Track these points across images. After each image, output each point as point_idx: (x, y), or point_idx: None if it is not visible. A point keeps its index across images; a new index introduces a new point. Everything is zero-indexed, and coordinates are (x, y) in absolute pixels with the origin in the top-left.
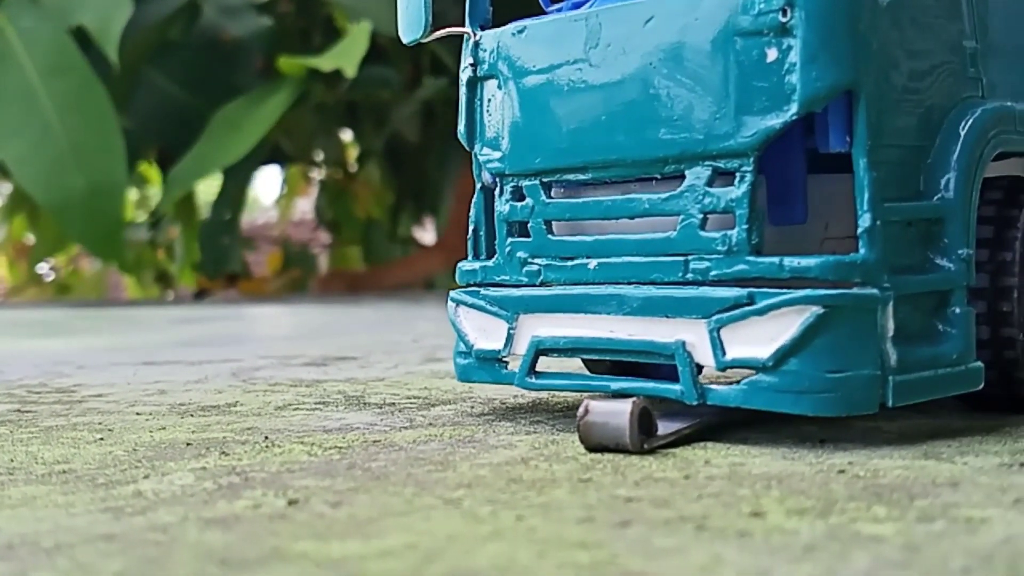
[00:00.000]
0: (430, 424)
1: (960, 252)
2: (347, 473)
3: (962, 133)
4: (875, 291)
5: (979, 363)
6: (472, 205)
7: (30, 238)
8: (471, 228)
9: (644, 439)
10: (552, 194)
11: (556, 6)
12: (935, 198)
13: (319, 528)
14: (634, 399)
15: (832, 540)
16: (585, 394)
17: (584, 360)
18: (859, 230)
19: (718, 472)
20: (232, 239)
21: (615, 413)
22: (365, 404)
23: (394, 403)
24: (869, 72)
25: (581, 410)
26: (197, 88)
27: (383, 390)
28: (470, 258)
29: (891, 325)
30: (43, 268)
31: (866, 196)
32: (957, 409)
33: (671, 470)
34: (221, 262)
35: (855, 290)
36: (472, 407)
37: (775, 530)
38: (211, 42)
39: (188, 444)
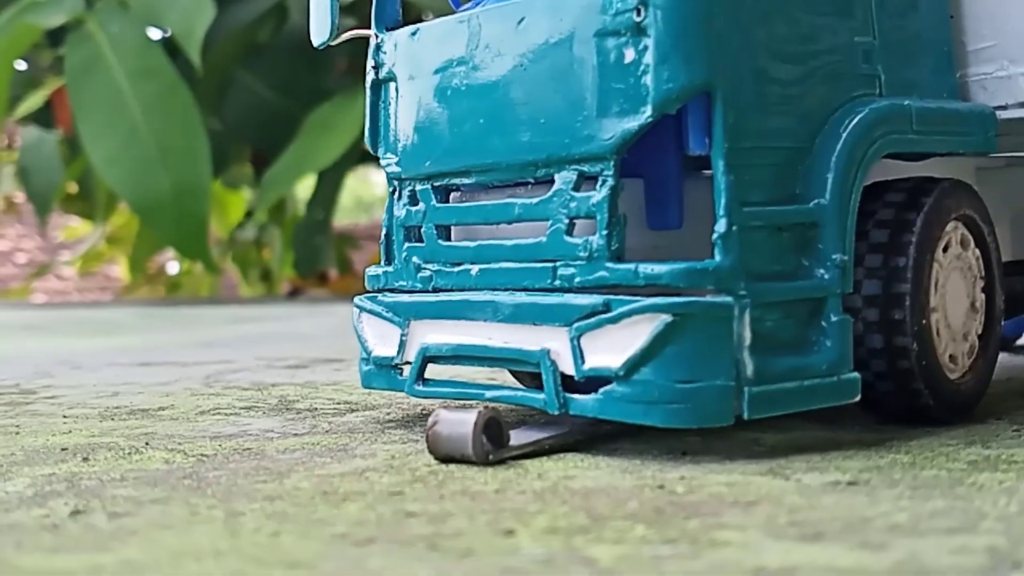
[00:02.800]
0: (324, 432)
1: (835, 258)
2: (176, 483)
3: (843, 134)
4: (729, 299)
5: (855, 374)
6: (385, 210)
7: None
8: (383, 233)
9: (493, 450)
10: (450, 199)
11: (466, 6)
12: (812, 202)
13: (66, 540)
14: (481, 408)
15: (541, 563)
16: (469, 402)
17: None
18: (714, 236)
19: (537, 486)
20: (324, 239)
21: (460, 423)
22: (287, 410)
23: (316, 409)
24: (728, 72)
25: (430, 420)
26: (287, 90)
27: (323, 395)
28: (382, 263)
29: (748, 334)
30: (174, 267)
31: (723, 200)
32: (861, 421)
33: (492, 483)
34: (314, 261)
35: (707, 298)
36: (387, 414)
37: (501, 550)
38: (300, 44)
39: (64, 449)
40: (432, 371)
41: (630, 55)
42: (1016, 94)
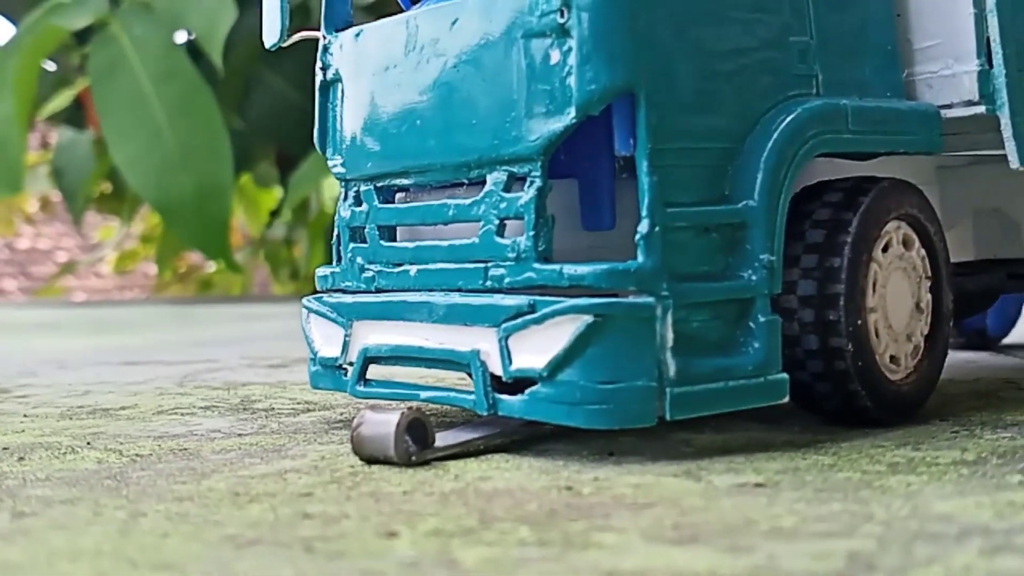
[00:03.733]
0: (270, 432)
1: (763, 259)
2: (96, 483)
3: (774, 134)
4: (651, 300)
5: (783, 375)
6: (336, 210)
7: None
8: (334, 233)
9: (417, 451)
10: (396, 199)
11: (416, 6)
12: (741, 203)
13: None
14: (404, 409)
15: (405, 565)
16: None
17: None
18: (636, 236)
19: (448, 488)
20: None
21: (383, 424)
22: (245, 410)
23: (273, 409)
24: (652, 73)
25: (355, 421)
26: (311, 89)
27: (287, 395)
28: (334, 263)
29: (671, 335)
30: (211, 266)
31: (646, 201)
32: (803, 422)
33: (405, 484)
34: None
35: (629, 299)
36: (341, 414)
37: (372, 553)
38: None
39: (6, 448)
40: (386, 372)
41: (555, 56)
42: (960, 92)
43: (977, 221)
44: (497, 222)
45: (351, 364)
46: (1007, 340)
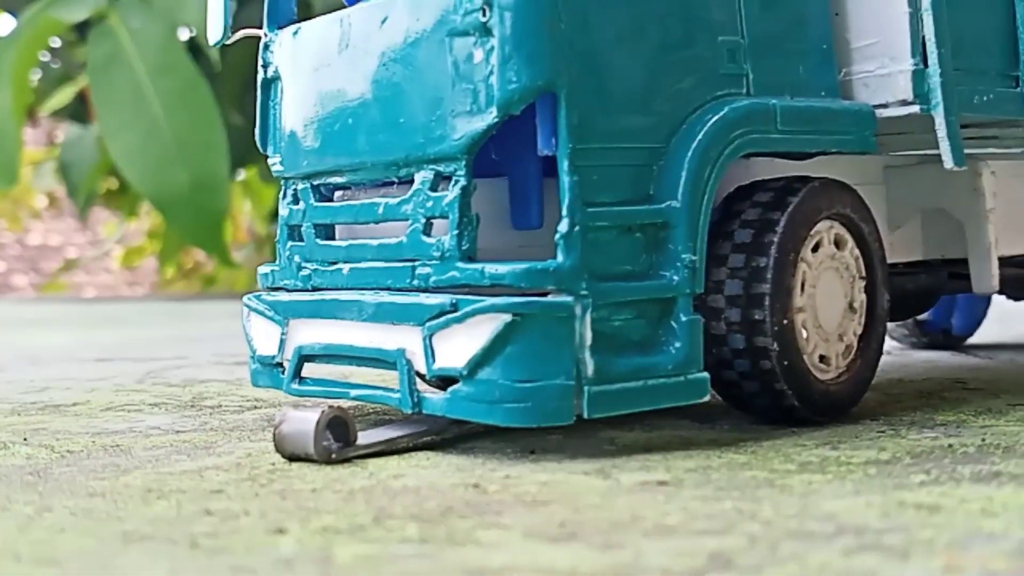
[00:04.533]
0: (209, 429)
1: (684, 258)
2: (17, 479)
3: (699, 134)
4: (569, 299)
5: (703, 374)
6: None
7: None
8: (277, 231)
9: (337, 449)
10: (335, 198)
11: (360, 4)
12: (664, 202)
13: None
14: (325, 407)
15: (279, 561)
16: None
17: None
18: (556, 236)
19: (358, 485)
20: None
21: (304, 422)
22: (192, 407)
23: (220, 406)
24: (573, 73)
25: (277, 419)
26: None
27: (239, 393)
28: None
29: (589, 333)
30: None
31: (566, 201)
32: (737, 421)
33: (317, 482)
34: None
35: (548, 298)
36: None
37: (253, 550)
38: None
39: None
40: (326, 371)
41: (478, 55)
42: (896, 92)
43: (925, 221)
44: (424, 221)
45: (287, 362)
46: (973, 340)
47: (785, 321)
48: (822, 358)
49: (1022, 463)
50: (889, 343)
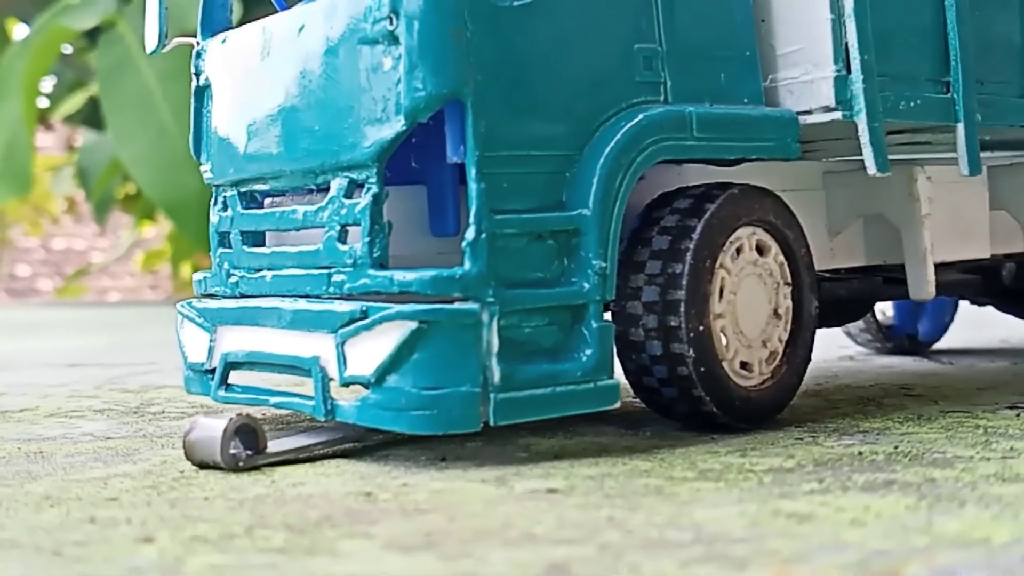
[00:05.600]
0: (142, 436)
1: (595, 265)
2: None
3: (611, 141)
4: (475, 306)
5: (613, 381)
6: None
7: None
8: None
9: (248, 456)
10: (265, 205)
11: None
12: (576, 210)
13: None
14: (233, 416)
15: (131, 570)
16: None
17: None
18: (463, 243)
19: (253, 494)
20: None
21: (212, 429)
22: (136, 413)
23: (164, 413)
24: (481, 80)
25: (187, 426)
26: None
27: (188, 400)
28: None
29: (496, 340)
30: None
31: (474, 208)
32: (661, 428)
33: (214, 491)
34: None
35: (455, 305)
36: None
37: (110, 558)
38: None
39: None
40: (258, 379)
41: (387, 63)
42: (819, 98)
43: (868, 226)
44: (339, 228)
45: (215, 369)
46: (942, 345)
47: (701, 327)
48: (744, 364)
49: (921, 471)
50: (854, 349)
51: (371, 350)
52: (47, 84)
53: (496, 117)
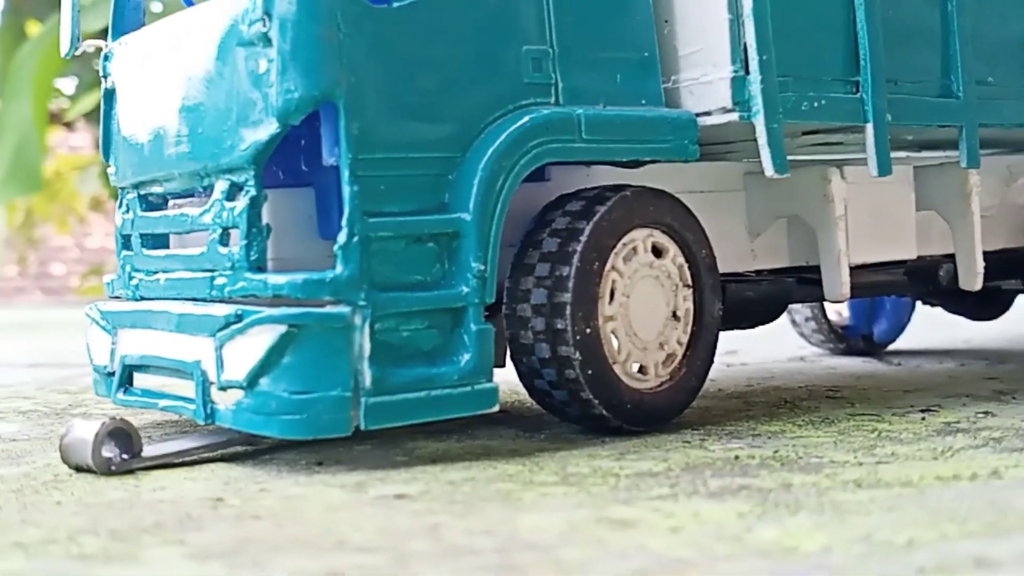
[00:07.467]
0: (44, 438)
1: (474, 268)
2: None
3: (493, 143)
4: (346, 310)
5: (492, 384)
6: None
7: None
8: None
9: (118, 460)
10: (169, 207)
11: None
12: (456, 212)
13: None
14: (107, 419)
15: None
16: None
17: None
18: (335, 246)
19: (108, 498)
20: None
21: (85, 431)
22: (56, 415)
23: (87, 415)
24: (354, 82)
25: (64, 429)
26: None
27: None
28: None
29: (368, 344)
30: None
31: (347, 211)
32: (558, 430)
33: (73, 495)
34: None
35: (324, 309)
36: (140, 422)
37: None
38: None
39: None
40: (159, 382)
41: (262, 66)
42: (717, 99)
43: (789, 228)
44: (220, 231)
45: (116, 371)
46: (899, 346)
47: (588, 330)
48: (640, 368)
49: (783, 477)
50: (807, 349)
51: (244, 354)
52: (68, 85)
53: (372, 119)
